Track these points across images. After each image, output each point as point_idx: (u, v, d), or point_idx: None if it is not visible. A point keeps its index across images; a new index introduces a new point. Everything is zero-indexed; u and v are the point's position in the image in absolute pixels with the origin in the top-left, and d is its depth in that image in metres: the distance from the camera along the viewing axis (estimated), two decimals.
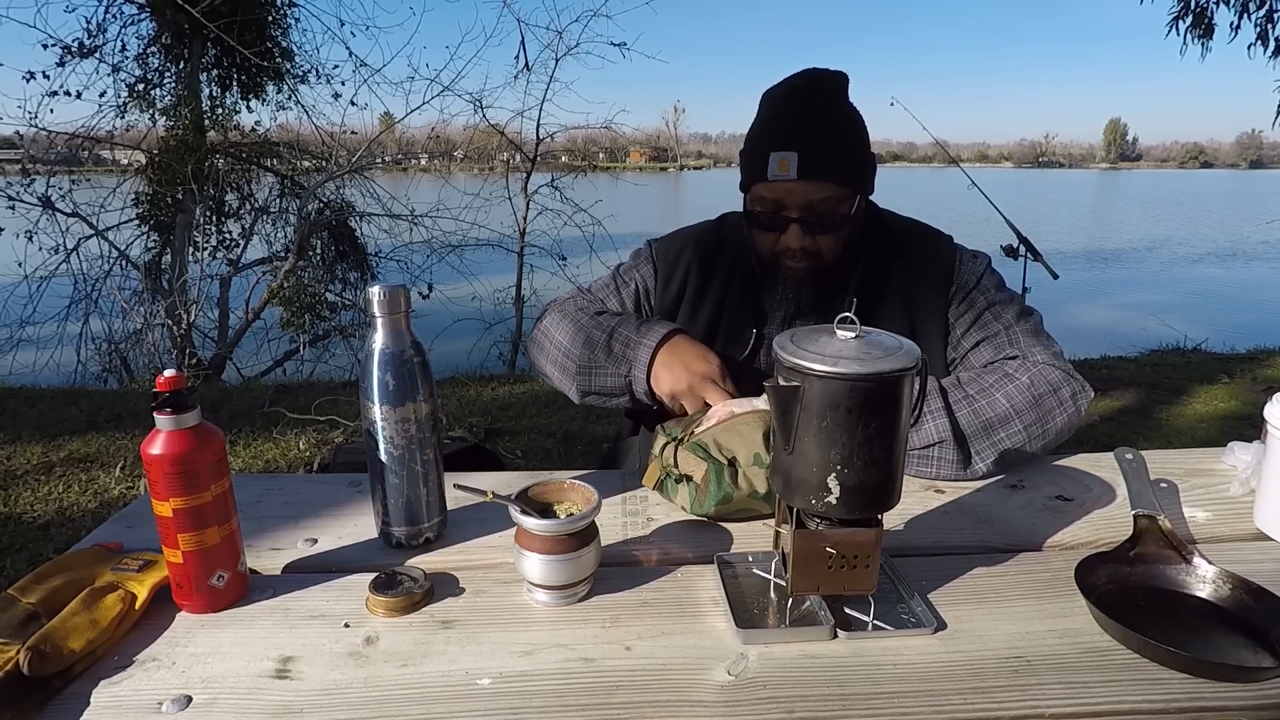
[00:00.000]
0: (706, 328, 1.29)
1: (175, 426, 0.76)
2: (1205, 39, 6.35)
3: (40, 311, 5.73)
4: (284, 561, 0.91)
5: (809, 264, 1.19)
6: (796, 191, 1.14)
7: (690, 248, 1.33)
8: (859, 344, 0.71)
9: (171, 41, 6.01)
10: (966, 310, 1.23)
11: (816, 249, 1.18)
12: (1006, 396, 1.09)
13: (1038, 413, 1.09)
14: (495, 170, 7.23)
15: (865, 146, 1.20)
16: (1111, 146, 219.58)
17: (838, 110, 1.18)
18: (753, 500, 0.96)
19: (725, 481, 0.95)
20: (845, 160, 1.16)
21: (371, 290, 0.88)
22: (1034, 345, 1.18)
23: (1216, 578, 0.81)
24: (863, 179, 1.19)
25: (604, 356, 1.18)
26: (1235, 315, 9.61)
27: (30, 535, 2.66)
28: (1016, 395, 1.09)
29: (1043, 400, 1.09)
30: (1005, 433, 1.07)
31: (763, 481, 0.96)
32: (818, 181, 1.13)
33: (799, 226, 1.16)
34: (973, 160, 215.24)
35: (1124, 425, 3.87)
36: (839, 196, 1.15)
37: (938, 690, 0.67)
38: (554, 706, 0.66)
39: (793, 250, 1.18)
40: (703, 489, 0.96)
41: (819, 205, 1.15)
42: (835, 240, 1.19)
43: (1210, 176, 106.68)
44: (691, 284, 1.31)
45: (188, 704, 0.67)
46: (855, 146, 1.18)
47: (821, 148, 1.13)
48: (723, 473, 0.95)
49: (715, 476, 0.95)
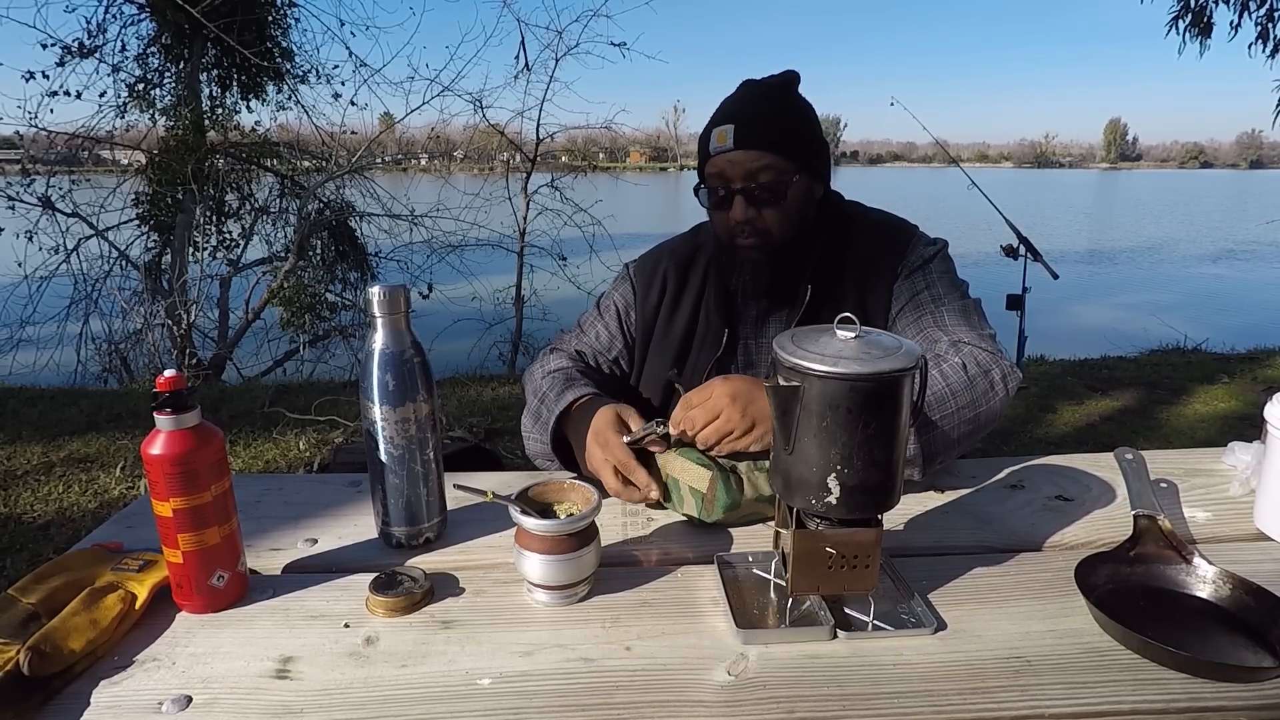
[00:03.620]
0: (684, 331, 1.32)
1: (175, 426, 0.76)
2: (1204, 38, 6.34)
3: (40, 311, 5.73)
4: (284, 561, 0.91)
5: (759, 241, 1.22)
6: (737, 161, 1.17)
7: (666, 258, 1.38)
8: (859, 344, 0.71)
9: (171, 41, 6.01)
10: (906, 288, 1.24)
11: (765, 225, 1.21)
12: (939, 374, 1.07)
13: (971, 394, 1.07)
14: (495, 170, 7.23)
15: (810, 130, 1.23)
16: (1111, 146, 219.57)
17: (777, 93, 1.22)
18: (759, 504, 0.97)
19: (732, 488, 0.95)
20: (782, 132, 1.19)
21: (371, 290, 0.88)
22: (960, 326, 1.18)
23: (1216, 578, 0.80)
24: (806, 156, 1.21)
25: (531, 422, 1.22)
26: (1235, 315, 9.61)
27: (30, 535, 2.66)
28: (950, 374, 1.07)
29: (975, 382, 1.08)
30: (940, 413, 1.05)
31: (765, 483, 0.96)
32: (755, 151, 1.17)
33: (743, 198, 1.19)
34: (973, 160, 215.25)
35: (1124, 425, 3.88)
36: (779, 167, 1.18)
37: (938, 690, 0.67)
38: (554, 706, 0.66)
39: (740, 224, 1.20)
40: (710, 497, 0.96)
41: (760, 175, 1.18)
42: (781, 216, 1.21)
43: (1210, 176, 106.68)
44: (669, 291, 1.35)
45: (188, 704, 0.67)
46: (794, 123, 1.21)
47: (757, 119, 1.18)
48: (729, 479, 0.96)
49: (722, 483, 0.95)
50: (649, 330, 1.35)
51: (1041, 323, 5.64)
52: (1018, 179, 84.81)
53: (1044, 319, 7.03)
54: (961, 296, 1.23)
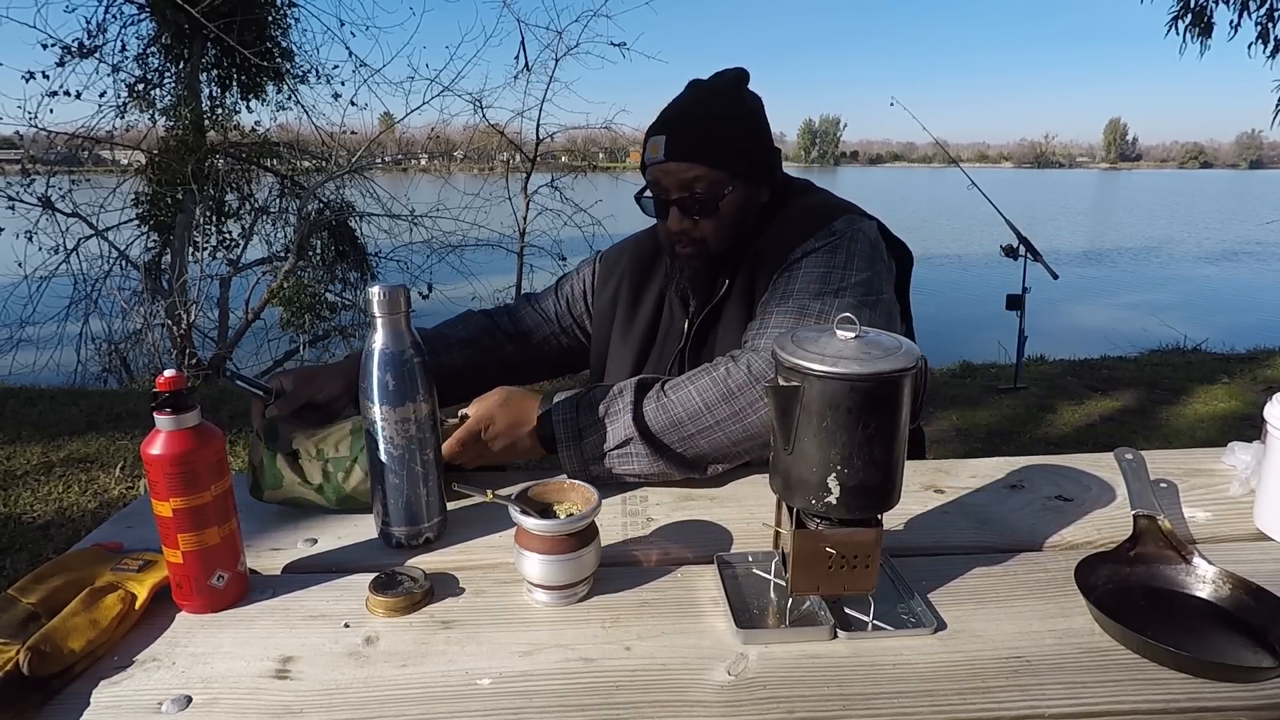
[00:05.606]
0: (648, 323, 1.35)
1: (175, 426, 0.76)
2: (1204, 38, 6.35)
3: (40, 311, 5.73)
4: (284, 561, 0.91)
5: (695, 250, 1.22)
6: (670, 171, 1.19)
7: (629, 253, 1.42)
8: (859, 344, 0.71)
9: (171, 41, 6.01)
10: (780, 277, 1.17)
11: (700, 235, 1.21)
12: (697, 391, 1.03)
13: (731, 407, 1.01)
14: (495, 170, 7.24)
15: (748, 136, 1.21)
16: (1111, 146, 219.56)
17: (712, 100, 1.22)
18: (304, 488, 1.00)
19: (277, 470, 0.99)
20: (713, 143, 1.18)
21: (371, 290, 0.88)
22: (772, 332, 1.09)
23: (1216, 578, 0.80)
24: (740, 164, 1.20)
25: None
26: (1235, 315, 9.62)
27: (30, 535, 2.66)
28: (708, 389, 1.03)
29: (735, 396, 1.02)
30: (695, 428, 1.02)
31: (317, 474, 1.00)
32: (685, 162, 1.18)
33: (677, 208, 1.20)
34: (973, 160, 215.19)
35: (1124, 425, 3.88)
36: (711, 178, 1.18)
37: (938, 690, 0.67)
38: (554, 707, 0.66)
39: (675, 233, 1.22)
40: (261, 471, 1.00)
41: (693, 185, 1.19)
42: (716, 225, 1.21)
43: (1210, 176, 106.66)
44: (626, 286, 1.38)
45: (188, 704, 0.67)
46: (729, 131, 1.20)
47: (687, 130, 1.19)
48: (275, 460, 1.00)
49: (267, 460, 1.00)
50: (606, 321, 1.39)
51: (1041, 323, 5.65)
52: (1017, 179, 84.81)
53: (1044, 319, 7.03)
54: (816, 296, 1.10)
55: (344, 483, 0.99)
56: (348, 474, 0.99)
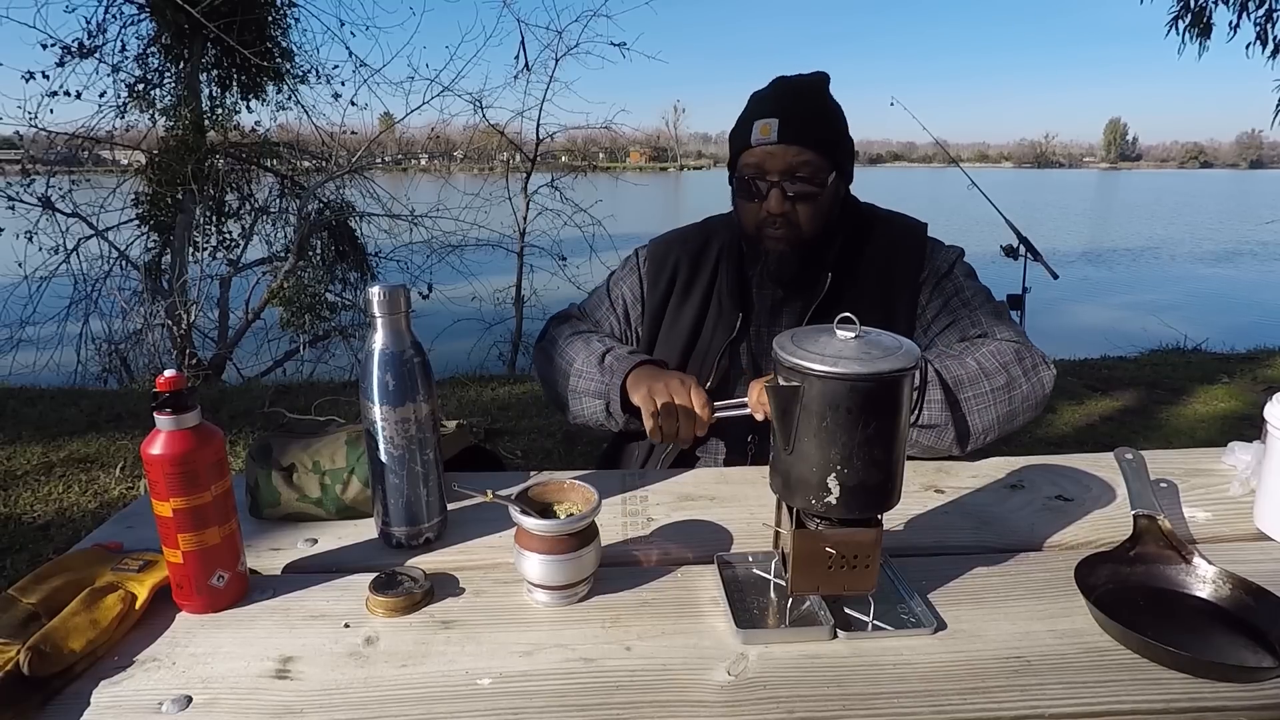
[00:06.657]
0: (695, 316, 1.35)
1: (175, 426, 0.76)
2: (1203, 38, 6.35)
3: (40, 312, 5.73)
4: (284, 561, 0.91)
5: (788, 234, 1.24)
6: (777, 155, 1.20)
7: (677, 246, 1.42)
8: (859, 344, 0.71)
9: (171, 41, 6.00)
10: (936, 296, 1.28)
11: (796, 219, 1.23)
12: (975, 360, 1.13)
13: (1005, 376, 1.12)
14: (495, 170, 7.24)
15: (844, 131, 1.28)
16: (1111, 146, 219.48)
17: (817, 94, 1.26)
18: (303, 504, 0.99)
19: (274, 485, 0.99)
20: (823, 131, 1.23)
21: (371, 290, 0.88)
22: (996, 324, 1.23)
23: (1216, 578, 0.81)
24: (840, 156, 1.25)
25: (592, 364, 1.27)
26: (1235, 315, 9.61)
27: (30, 535, 2.66)
28: (985, 359, 1.13)
29: (1009, 366, 1.13)
30: (973, 391, 1.11)
31: (315, 487, 0.99)
32: (796, 146, 1.20)
33: (779, 191, 1.21)
34: (973, 160, 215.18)
35: (1124, 425, 3.87)
36: (817, 164, 1.21)
37: (938, 690, 0.67)
38: (554, 706, 0.66)
39: (773, 216, 1.23)
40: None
41: (799, 169, 1.21)
42: (813, 211, 1.24)
43: (1210, 176, 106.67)
44: (680, 279, 1.38)
45: (188, 704, 0.67)
46: (834, 123, 1.25)
47: (801, 115, 1.21)
48: (271, 476, 0.99)
49: (262, 477, 0.99)
50: (657, 318, 1.39)
51: (1041, 323, 5.64)
52: (1017, 179, 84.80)
53: (1044, 319, 7.03)
54: (988, 299, 1.29)
55: (342, 494, 0.99)
56: (345, 485, 0.99)
